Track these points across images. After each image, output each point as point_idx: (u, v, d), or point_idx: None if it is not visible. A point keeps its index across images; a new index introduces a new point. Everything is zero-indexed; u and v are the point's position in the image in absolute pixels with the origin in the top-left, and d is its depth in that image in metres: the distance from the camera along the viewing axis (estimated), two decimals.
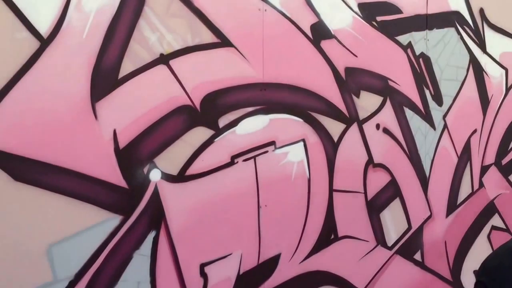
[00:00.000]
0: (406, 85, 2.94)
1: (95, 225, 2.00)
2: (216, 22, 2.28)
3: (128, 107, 2.08)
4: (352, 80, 2.71)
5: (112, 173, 2.04)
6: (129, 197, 2.08)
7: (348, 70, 2.70)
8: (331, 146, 2.63)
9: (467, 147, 3.22)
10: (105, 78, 2.02)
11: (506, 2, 3.46)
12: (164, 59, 2.16)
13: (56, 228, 1.93)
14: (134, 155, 2.09)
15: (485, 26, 3.33)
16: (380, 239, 2.83)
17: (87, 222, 1.98)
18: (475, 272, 1.41)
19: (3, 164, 1.81)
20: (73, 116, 1.96)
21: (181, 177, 2.19)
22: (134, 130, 2.09)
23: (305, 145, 2.54)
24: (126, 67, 2.07)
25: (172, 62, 2.18)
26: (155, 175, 2.14)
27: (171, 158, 2.17)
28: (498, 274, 1.38)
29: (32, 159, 1.87)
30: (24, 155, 1.86)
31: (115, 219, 2.04)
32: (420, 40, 3.01)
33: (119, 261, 2.05)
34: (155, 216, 2.13)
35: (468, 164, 3.24)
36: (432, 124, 3.04)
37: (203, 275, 2.25)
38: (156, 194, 2.14)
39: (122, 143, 2.06)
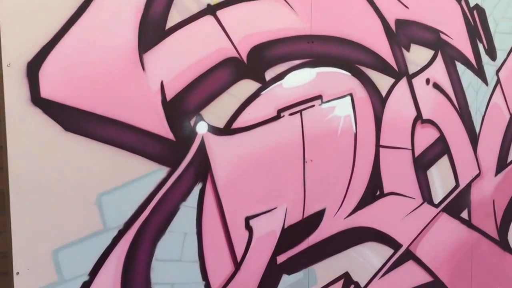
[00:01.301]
0: (459, 39, 2.81)
1: (143, 176, 2.02)
2: None
3: (175, 58, 2.06)
4: (403, 33, 2.61)
5: (159, 125, 2.04)
6: (176, 149, 2.08)
7: (398, 22, 2.59)
8: (379, 101, 2.56)
9: None
10: (152, 29, 2.00)
11: None
12: (211, 10, 2.12)
13: (106, 178, 1.95)
14: (181, 107, 2.08)
15: None
16: (426, 196, 2.78)
17: (135, 173, 2.00)
18: None
19: (54, 115, 1.83)
20: (121, 68, 1.95)
21: (227, 130, 2.18)
22: (181, 82, 2.08)
23: (352, 100, 2.48)
24: (173, 18, 2.04)
25: (219, 13, 2.14)
26: (201, 128, 2.13)
27: (218, 111, 2.16)
28: None
29: (82, 110, 1.88)
30: (74, 106, 1.87)
31: (162, 171, 2.05)
32: None
33: (166, 212, 2.08)
34: (202, 169, 2.14)
35: None
36: (484, 79, 2.92)
37: (248, 228, 2.26)
38: (202, 146, 2.13)
39: (169, 95, 2.05)
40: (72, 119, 1.87)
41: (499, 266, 3.16)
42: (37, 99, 1.80)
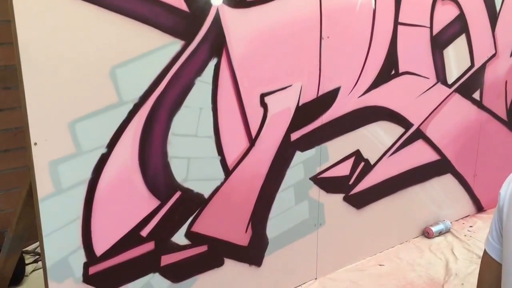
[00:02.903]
0: None
1: (157, 48, 1.94)
2: None
3: None
4: None
5: None
6: (190, 21, 1.99)
7: None
8: None
9: None
10: None
11: None
12: None
13: (119, 49, 1.87)
14: None
15: None
16: (441, 76, 2.74)
17: (149, 45, 1.92)
18: None
19: None
20: None
21: (243, 2, 2.08)
22: None
23: None
24: None
25: None
26: None
27: None
28: None
29: None
30: None
31: (177, 44, 1.98)
32: None
33: (181, 87, 2.03)
34: (217, 43, 2.06)
35: None
36: None
37: (263, 104, 2.24)
38: (217, 19, 2.04)
39: None
40: None
41: (505, 145, 3.21)
42: None
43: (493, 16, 2.83)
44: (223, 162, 2.20)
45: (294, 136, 2.37)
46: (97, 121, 1.88)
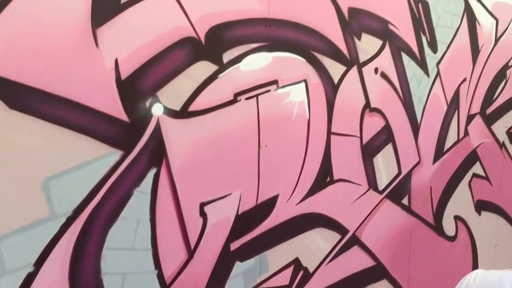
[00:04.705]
0: (405, 30, 2.89)
1: (94, 159, 1.89)
2: None
3: (131, 35, 1.93)
4: (355, 21, 2.63)
5: (112, 105, 1.91)
6: (130, 132, 1.96)
7: (351, 10, 2.61)
8: (331, 88, 2.57)
9: (456, 95, 3.24)
10: (107, 2, 1.87)
11: None
12: None
13: (54, 160, 1.80)
14: (136, 87, 1.96)
15: None
16: (372, 183, 2.84)
17: (86, 155, 1.87)
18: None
19: None
20: (72, 42, 1.80)
21: (183, 112, 2.09)
22: (137, 60, 1.96)
23: (306, 86, 2.47)
24: None
25: None
26: (157, 110, 2.03)
27: (174, 93, 2.06)
28: None
29: (28, 86, 1.72)
30: (20, 81, 1.71)
31: (115, 154, 1.94)
32: None
33: (119, 198, 1.96)
34: (156, 153, 2.04)
35: (456, 112, 3.27)
36: (426, 71, 3.02)
37: (203, 214, 2.20)
38: (158, 129, 2.03)
39: (124, 74, 1.93)
40: (17, 96, 1.71)
41: (434, 249, 3.31)
42: None
43: (415, 127, 3.03)
44: (160, 276, 2.09)
45: (234, 245, 2.31)
46: (25, 237, 1.75)
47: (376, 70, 2.77)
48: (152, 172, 2.04)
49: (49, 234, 1.81)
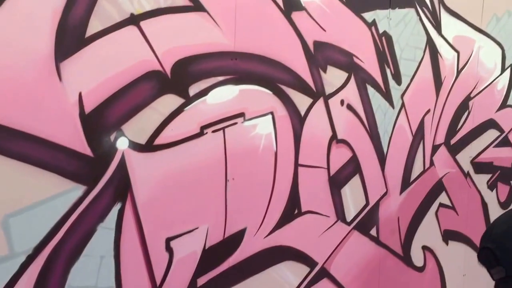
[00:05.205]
0: (369, 63, 2.94)
1: (56, 195, 1.85)
2: None
3: (95, 68, 1.92)
4: (320, 54, 2.67)
5: (76, 140, 1.88)
6: (93, 166, 1.93)
7: (316, 44, 2.65)
8: (298, 120, 2.59)
9: (421, 126, 3.30)
10: (71, 36, 1.85)
11: None
12: (134, 20, 2.01)
13: (14, 197, 1.76)
14: (100, 121, 1.94)
15: (442, 8, 3.39)
16: (340, 214, 2.84)
17: (47, 191, 1.83)
18: (483, 238, 1.38)
19: None
20: (35, 75, 1.78)
21: (149, 146, 2.07)
22: (101, 94, 1.94)
23: (273, 118, 2.48)
24: (94, 26, 1.91)
25: (143, 24, 2.04)
26: (122, 144, 2.00)
27: (139, 126, 2.04)
28: (506, 239, 1.37)
29: None
30: None
31: (78, 190, 1.90)
32: (383, 19, 3.01)
33: (81, 235, 1.91)
34: (121, 187, 2.00)
35: (421, 143, 3.32)
36: (391, 103, 3.08)
37: (169, 249, 2.15)
38: (122, 163, 2.00)
39: (88, 108, 1.90)
40: None
41: (403, 280, 3.31)
42: None
43: (381, 158, 3.07)
44: None
45: (201, 281, 2.27)
46: None
47: (342, 102, 2.80)
48: (116, 207, 2.00)
49: (8, 274, 1.75)
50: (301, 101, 2.60)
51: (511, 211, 1.45)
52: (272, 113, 2.48)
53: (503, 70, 3.97)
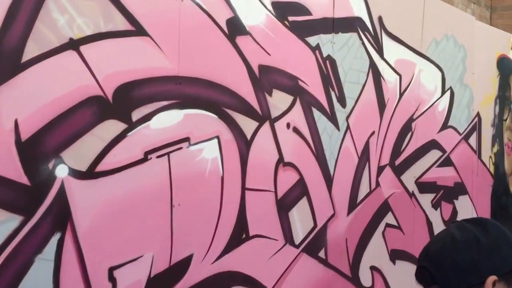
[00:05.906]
0: (314, 86, 2.99)
1: None
2: (131, 8, 2.13)
3: (32, 95, 1.86)
4: (265, 78, 2.70)
5: (12, 168, 1.81)
6: (31, 195, 1.86)
7: (261, 67, 2.67)
8: (244, 144, 2.59)
9: (366, 148, 3.37)
10: (6, 61, 1.80)
11: (399, 11, 3.67)
12: (74, 44, 1.97)
13: None
14: (38, 148, 1.88)
15: (383, 33, 3.50)
16: (288, 237, 2.84)
17: None
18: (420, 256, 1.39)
19: None
20: None
21: (90, 173, 2.01)
22: (39, 121, 1.88)
23: (219, 142, 2.47)
24: (31, 50, 1.86)
25: (82, 48, 2.00)
26: (61, 171, 1.94)
27: (80, 153, 1.99)
28: (441, 257, 1.39)
29: None
30: None
31: (14, 220, 1.82)
32: (327, 43, 3.08)
33: (17, 267, 1.83)
34: (61, 217, 1.93)
35: (367, 164, 3.38)
36: (336, 125, 3.13)
37: (112, 279, 2.08)
38: (62, 192, 1.94)
39: (25, 135, 1.84)
40: None
41: None
42: None
43: (328, 179, 3.10)
44: None
45: None
46: None
47: (288, 125, 2.82)
48: (56, 237, 1.93)
49: None
50: (247, 124, 2.61)
51: (447, 229, 1.47)
52: (218, 137, 2.47)
53: (443, 92, 4.12)
